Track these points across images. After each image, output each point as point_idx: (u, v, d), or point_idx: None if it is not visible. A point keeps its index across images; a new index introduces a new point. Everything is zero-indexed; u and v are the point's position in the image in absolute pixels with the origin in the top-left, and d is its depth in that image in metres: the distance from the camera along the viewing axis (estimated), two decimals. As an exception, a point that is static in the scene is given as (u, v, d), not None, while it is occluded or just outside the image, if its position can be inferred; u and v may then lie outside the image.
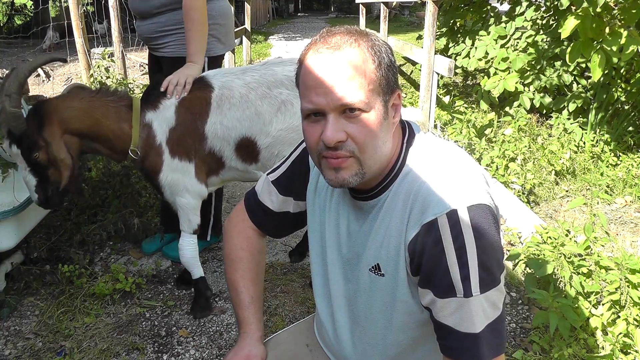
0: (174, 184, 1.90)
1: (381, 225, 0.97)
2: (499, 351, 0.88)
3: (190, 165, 1.90)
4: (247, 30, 7.95)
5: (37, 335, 2.01)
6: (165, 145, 1.86)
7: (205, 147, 1.91)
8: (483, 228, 0.86)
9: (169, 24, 2.21)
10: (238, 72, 1.96)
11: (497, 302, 0.88)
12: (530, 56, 4.38)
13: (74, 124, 1.77)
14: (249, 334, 1.15)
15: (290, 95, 1.92)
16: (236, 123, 1.90)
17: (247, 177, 2.08)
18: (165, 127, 1.86)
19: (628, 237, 2.82)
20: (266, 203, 1.21)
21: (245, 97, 1.89)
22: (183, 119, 1.87)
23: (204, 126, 1.88)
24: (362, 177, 0.92)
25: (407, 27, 13.36)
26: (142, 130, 1.84)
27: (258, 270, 1.24)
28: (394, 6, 13.07)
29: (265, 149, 1.96)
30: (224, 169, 1.99)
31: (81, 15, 4.44)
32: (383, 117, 0.90)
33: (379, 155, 0.92)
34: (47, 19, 8.07)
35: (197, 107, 1.88)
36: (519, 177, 3.32)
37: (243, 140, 1.93)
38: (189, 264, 2.04)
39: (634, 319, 1.88)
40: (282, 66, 1.97)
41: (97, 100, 1.81)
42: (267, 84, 1.92)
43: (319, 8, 28.94)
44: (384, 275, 0.98)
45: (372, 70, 0.88)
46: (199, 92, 1.89)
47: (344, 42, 0.89)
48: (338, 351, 1.15)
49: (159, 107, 1.86)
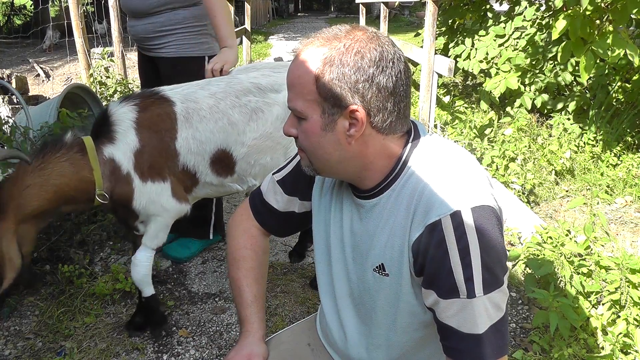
0: (149, 207, 1.75)
1: (386, 225, 0.97)
2: (502, 352, 0.89)
3: (165, 185, 1.77)
4: (247, 30, 7.95)
5: (37, 335, 2.01)
6: (134, 172, 1.70)
7: (179, 164, 1.79)
8: (486, 229, 0.86)
9: (169, 24, 2.20)
10: (201, 84, 1.88)
11: (500, 303, 0.88)
12: (529, 56, 4.38)
13: (32, 206, 1.58)
14: (250, 332, 1.15)
15: (260, 102, 1.88)
16: (210, 135, 1.81)
17: (222, 192, 2.00)
18: (129, 154, 1.69)
19: (628, 237, 2.82)
20: (271, 202, 1.22)
21: (215, 107, 1.81)
22: (148, 138, 1.72)
23: (174, 143, 1.76)
24: (315, 172, 1.00)
25: (407, 27, 13.36)
26: (104, 168, 1.67)
27: (261, 269, 1.24)
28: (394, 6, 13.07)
29: (241, 159, 1.89)
30: (197, 185, 1.88)
31: (81, 15, 4.44)
32: (322, 129, 0.92)
33: (330, 163, 0.96)
34: (47, 19, 8.07)
35: (162, 124, 1.75)
36: (519, 177, 3.32)
37: (218, 153, 1.84)
38: (142, 281, 1.87)
39: (634, 319, 1.88)
40: (247, 73, 1.92)
41: (48, 163, 1.60)
42: (235, 93, 1.85)
43: (319, 8, 28.94)
44: (388, 275, 0.98)
45: (311, 81, 0.90)
46: (158, 108, 1.76)
47: (308, 46, 0.93)
48: (343, 351, 1.15)
49: (116, 136, 1.69)
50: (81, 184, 1.63)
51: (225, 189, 1.97)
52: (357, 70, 0.88)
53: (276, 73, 1.94)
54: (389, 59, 0.89)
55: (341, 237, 1.08)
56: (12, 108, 3.75)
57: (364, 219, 1.02)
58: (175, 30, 2.20)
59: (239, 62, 7.97)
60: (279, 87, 1.90)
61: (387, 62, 0.89)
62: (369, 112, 0.90)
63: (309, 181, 1.16)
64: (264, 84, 1.90)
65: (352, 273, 1.07)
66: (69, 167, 1.62)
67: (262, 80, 1.90)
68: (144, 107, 1.73)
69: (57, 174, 1.60)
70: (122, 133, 1.69)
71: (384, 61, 0.89)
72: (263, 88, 1.89)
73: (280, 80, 1.91)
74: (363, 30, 0.91)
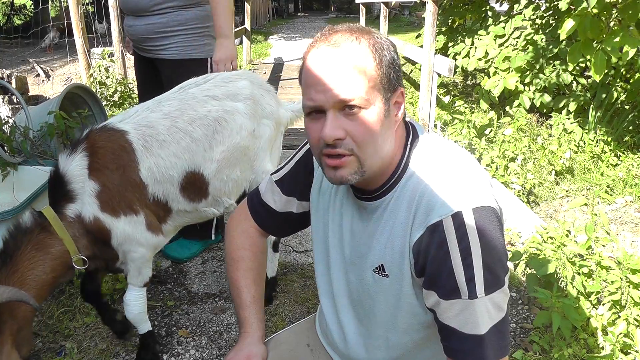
0: (125, 241, 1.64)
1: (385, 226, 0.97)
2: (504, 353, 0.89)
3: (138, 218, 1.65)
4: (247, 30, 7.95)
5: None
6: (102, 214, 1.59)
7: (148, 196, 1.67)
8: (488, 230, 0.86)
9: (172, 25, 2.18)
10: (151, 106, 1.73)
11: (501, 304, 0.88)
12: (529, 55, 4.38)
13: (23, 313, 1.51)
14: (249, 333, 1.15)
15: (220, 111, 1.76)
16: (174, 160, 1.68)
17: (198, 218, 1.87)
18: (91, 199, 1.58)
19: (628, 237, 2.82)
20: (269, 203, 1.22)
21: (173, 128, 1.68)
22: (106, 178, 1.60)
23: (138, 175, 1.64)
24: (362, 175, 0.92)
25: (407, 27, 13.36)
26: (75, 230, 1.57)
27: (260, 270, 1.23)
28: (393, 6, 13.07)
29: (213, 178, 1.77)
30: (171, 215, 1.76)
31: (81, 15, 4.44)
32: (384, 115, 0.90)
33: (380, 154, 0.92)
34: (47, 19, 8.07)
35: (118, 161, 1.61)
36: (519, 177, 3.32)
37: (188, 176, 1.72)
38: (136, 319, 1.80)
39: (634, 319, 1.87)
40: (197, 87, 1.81)
41: (17, 263, 1.49)
42: (192, 107, 1.73)
43: (319, 8, 28.92)
44: (388, 276, 0.98)
45: (373, 68, 0.88)
46: (110, 143, 1.62)
47: (344, 39, 0.89)
48: (342, 351, 1.15)
49: (73, 192, 1.58)
50: (56, 263, 1.56)
51: (201, 214, 1.85)
52: (395, 54, 0.93)
53: (229, 83, 1.83)
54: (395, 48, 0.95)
55: (340, 238, 1.07)
56: (12, 108, 3.75)
57: (365, 220, 1.02)
58: (178, 31, 2.18)
59: (239, 62, 7.97)
60: (236, 97, 1.80)
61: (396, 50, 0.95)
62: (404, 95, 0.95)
63: (308, 181, 1.16)
64: (220, 94, 1.79)
65: (351, 274, 1.07)
66: (40, 255, 1.54)
67: (216, 92, 1.79)
68: (94, 150, 1.60)
69: (30, 269, 1.51)
70: (79, 187, 1.58)
71: (395, 48, 0.94)
72: (219, 98, 1.78)
73: (234, 89, 1.81)
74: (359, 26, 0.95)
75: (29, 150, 2.48)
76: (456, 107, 4.90)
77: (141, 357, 1.88)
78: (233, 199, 1.88)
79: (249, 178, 1.92)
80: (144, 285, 1.77)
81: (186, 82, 1.84)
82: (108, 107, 4.48)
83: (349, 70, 0.87)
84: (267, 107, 1.90)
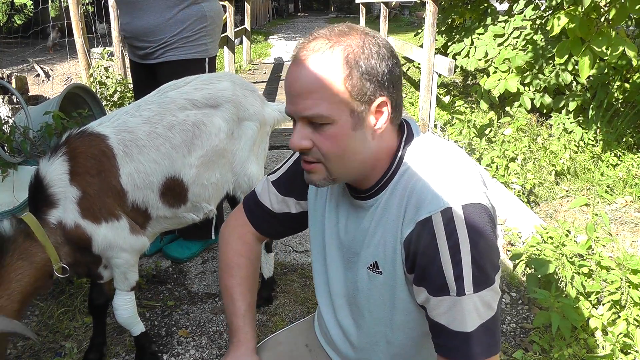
0: (107, 247, 1.62)
1: (379, 224, 0.97)
2: (492, 352, 0.88)
3: (120, 223, 1.63)
4: (247, 30, 7.95)
5: (37, 335, 2.01)
6: (83, 221, 1.57)
7: (128, 203, 1.66)
8: (478, 227, 0.85)
9: (169, 23, 2.17)
10: (131, 110, 1.71)
11: (491, 302, 0.87)
12: (528, 55, 4.38)
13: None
14: (243, 343, 1.13)
15: (198, 115, 1.75)
16: (154, 166, 1.67)
17: (178, 224, 1.87)
18: (72, 206, 1.55)
19: (628, 237, 2.82)
20: (266, 204, 1.21)
21: (153, 133, 1.67)
22: (87, 183, 1.57)
23: (118, 181, 1.61)
24: (333, 182, 0.95)
25: (407, 27, 13.37)
26: (57, 237, 1.54)
27: (255, 277, 1.23)
28: (393, 6, 13.07)
29: (192, 183, 1.76)
30: (150, 221, 1.75)
31: (81, 15, 4.44)
32: (351, 129, 0.89)
33: (351, 164, 0.92)
34: (47, 19, 8.06)
35: (99, 166, 1.59)
36: (519, 177, 3.32)
37: (168, 182, 1.70)
38: (127, 323, 1.79)
39: (634, 319, 1.87)
40: (176, 90, 1.79)
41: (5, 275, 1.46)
42: (171, 112, 1.72)
43: (319, 8, 28.95)
44: (381, 273, 0.98)
45: (340, 82, 0.86)
46: (90, 148, 1.59)
47: (317, 49, 0.87)
48: (341, 351, 1.15)
49: (54, 197, 1.54)
50: (40, 272, 1.52)
51: (180, 220, 1.84)
52: (380, 61, 0.88)
53: (209, 85, 1.82)
54: (392, 50, 0.91)
55: (337, 237, 1.08)
56: (12, 108, 3.75)
57: (360, 218, 1.02)
58: (176, 30, 2.18)
59: (239, 62, 7.97)
60: (215, 101, 1.80)
61: (393, 52, 0.91)
62: (391, 103, 0.91)
63: (305, 181, 1.16)
64: (199, 97, 1.78)
65: (347, 272, 1.07)
66: (26, 265, 1.50)
67: (196, 95, 1.78)
68: (74, 155, 1.57)
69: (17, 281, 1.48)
70: (60, 192, 1.54)
71: (391, 51, 0.91)
72: (199, 104, 1.77)
73: (214, 92, 1.81)
74: (355, 26, 0.92)
75: (29, 150, 2.49)
76: (456, 107, 4.90)
77: (139, 358, 1.87)
78: (213, 204, 1.87)
79: (231, 180, 1.91)
80: (131, 289, 1.75)
81: (165, 85, 1.82)
82: (108, 107, 4.48)
83: (311, 87, 0.87)
84: (250, 108, 1.88)
